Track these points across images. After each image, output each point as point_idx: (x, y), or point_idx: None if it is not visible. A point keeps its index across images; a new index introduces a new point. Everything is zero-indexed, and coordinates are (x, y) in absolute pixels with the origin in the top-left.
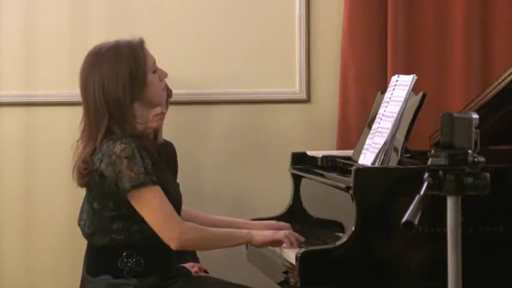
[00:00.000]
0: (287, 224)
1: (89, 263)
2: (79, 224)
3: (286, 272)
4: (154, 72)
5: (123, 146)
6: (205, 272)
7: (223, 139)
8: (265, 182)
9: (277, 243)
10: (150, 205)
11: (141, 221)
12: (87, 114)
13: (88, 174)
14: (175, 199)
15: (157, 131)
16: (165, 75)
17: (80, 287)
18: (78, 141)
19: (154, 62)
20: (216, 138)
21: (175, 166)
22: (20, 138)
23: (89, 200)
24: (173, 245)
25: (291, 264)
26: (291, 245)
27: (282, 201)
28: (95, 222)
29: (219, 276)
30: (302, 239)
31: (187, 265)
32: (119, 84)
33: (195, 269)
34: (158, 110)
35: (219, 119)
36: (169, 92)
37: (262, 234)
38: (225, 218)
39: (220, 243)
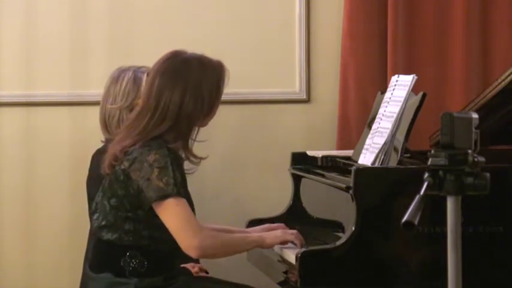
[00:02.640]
0: (281, 224)
1: (93, 259)
2: (90, 217)
3: (286, 272)
4: None
5: (157, 156)
6: (206, 272)
7: (223, 139)
8: (265, 182)
9: (286, 243)
10: (173, 213)
11: (153, 227)
12: (151, 115)
13: (114, 167)
14: (191, 205)
15: None
16: None
17: (81, 284)
18: (120, 131)
19: None
20: (215, 138)
21: None
22: (20, 138)
23: (106, 194)
24: (193, 254)
25: (291, 264)
26: (300, 245)
27: (282, 201)
28: (109, 217)
29: (219, 276)
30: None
31: (188, 265)
32: (198, 102)
33: (196, 269)
34: None
35: (219, 119)
36: None
37: (272, 236)
38: (220, 226)
39: (237, 248)
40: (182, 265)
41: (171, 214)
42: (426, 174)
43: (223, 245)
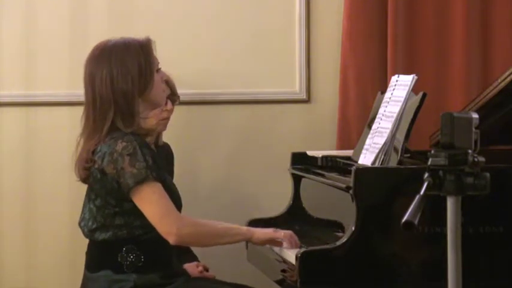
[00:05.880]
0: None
1: (89, 260)
2: (80, 226)
3: (286, 272)
4: (157, 71)
5: (124, 144)
6: (207, 270)
7: (223, 139)
8: (265, 182)
9: (276, 242)
10: (149, 200)
11: (143, 216)
12: (93, 107)
13: (88, 169)
14: (176, 199)
15: (158, 135)
16: (166, 77)
17: (81, 286)
18: (80, 136)
19: (158, 63)
20: (215, 138)
21: (171, 167)
22: (20, 138)
23: (90, 198)
24: (171, 240)
25: (290, 264)
26: (290, 245)
27: (282, 201)
28: (98, 218)
29: (219, 276)
30: (299, 244)
31: (192, 264)
32: (128, 77)
33: (200, 268)
34: (165, 114)
35: (219, 119)
36: (177, 98)
37: (263, 231)
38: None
39: (219, 239)
40: (186, 264)
41: (147, 202)
42: (426, 174)
43: (204, 234)
